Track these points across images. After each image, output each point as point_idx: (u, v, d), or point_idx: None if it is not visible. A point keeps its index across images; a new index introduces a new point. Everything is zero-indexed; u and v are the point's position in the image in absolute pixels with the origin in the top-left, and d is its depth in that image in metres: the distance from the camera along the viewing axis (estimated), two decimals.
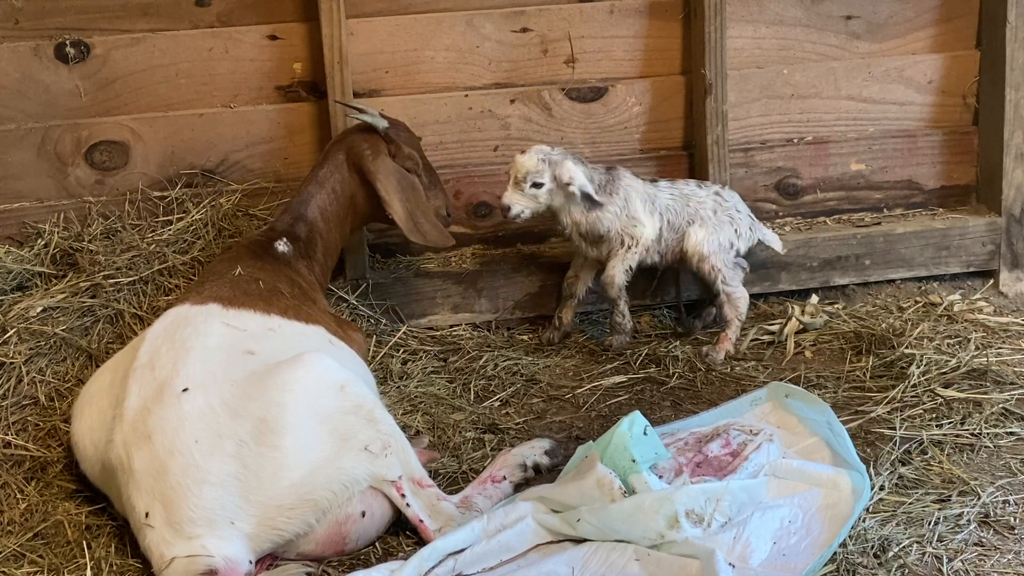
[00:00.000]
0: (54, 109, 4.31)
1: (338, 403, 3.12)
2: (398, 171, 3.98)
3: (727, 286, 4.22)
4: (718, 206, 4.23)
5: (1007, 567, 3.00)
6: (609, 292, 4.20)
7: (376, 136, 3.97)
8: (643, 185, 4.20)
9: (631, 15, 4.50)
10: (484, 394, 4.00)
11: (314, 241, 3.88)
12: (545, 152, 4.03)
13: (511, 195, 4.03)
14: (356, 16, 4.34)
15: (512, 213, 4.04)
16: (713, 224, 4.20)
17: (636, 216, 4.13)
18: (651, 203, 4.18)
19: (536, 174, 4.00)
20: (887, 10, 4.63)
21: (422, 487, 3.21)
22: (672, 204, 4.20)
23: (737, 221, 4.26)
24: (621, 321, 4.24)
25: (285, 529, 3.01)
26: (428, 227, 3.99)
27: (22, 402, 3.74)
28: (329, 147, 4.03)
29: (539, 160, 4.00)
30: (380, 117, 3.98)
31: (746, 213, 4.31)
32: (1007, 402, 3.73)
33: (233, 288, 3.48)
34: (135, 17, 4.30)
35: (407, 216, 3.92)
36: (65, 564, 3.15)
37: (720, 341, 4.22)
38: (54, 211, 4.32)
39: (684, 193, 4.23)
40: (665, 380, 4.06)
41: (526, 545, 3.10)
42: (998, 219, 4.63)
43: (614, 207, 4.11)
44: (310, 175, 3.97)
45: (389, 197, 3.90)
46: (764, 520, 3.10)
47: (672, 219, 4.20)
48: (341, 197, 3.95)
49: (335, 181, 3.94)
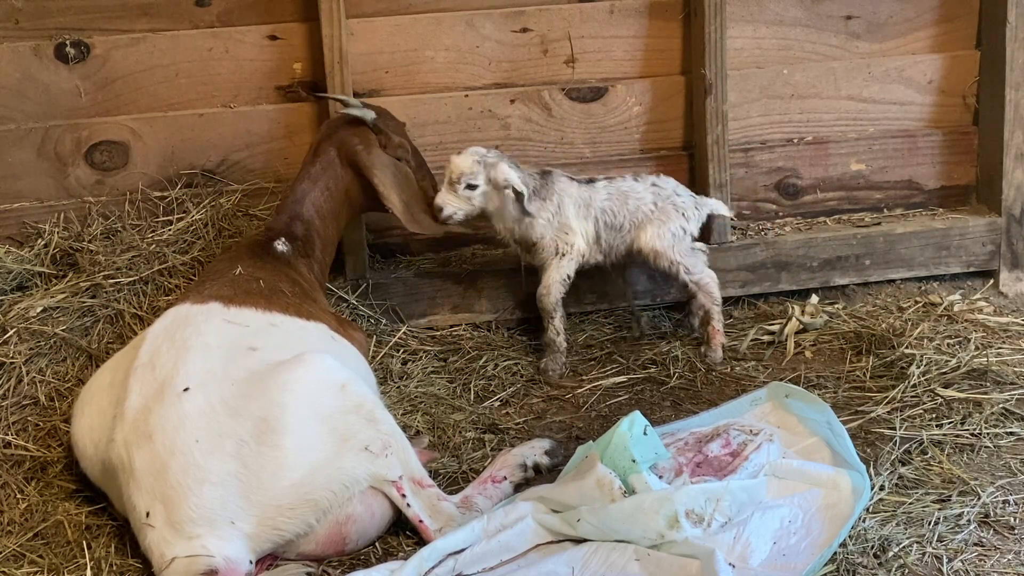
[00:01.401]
0: (54, 109, 4.31)
1: (339, 403, 3.12)
2: (392, 163, 3.97)
3: (691, 275, 4.16)
4: (657, 197, 4.16)
5: (1007, 567, 3.00)
6: (544, 303, 4.11)
7: (365, 128, 3.95)
8: (578, 188, 4.13)
9: (631, 15, 4.50)
10: (484, 394, 4.00)
11: (312, 239, 3.88)
12: (481, 154, 3.99)
13: (444, 196, 3.99)
14: (356, 16, 4.35)
15: (444, 214, 3.99)
16: (658, 217, 4.14)
17: (568, 223, 4.09)
18: (585, 207, 4.12)
19: (470, 176, 3.96)
20: (887, 10, 4.63)
21: (422, 487, 3.21)
22: (609, 204, 4.13)
23: (680, 206, 4.17)
24: (555, 339, 4.13)
25: (285, 529, 3.01)
26: (424, 216, 3.99)
27: (22, 402, 3.74)
28: (318, 143, 4.00)
29: (474, 162, 3.96)
30: (366, 108, 3.96)
31: (687, 194, 4.23)
32: (1007, 402, 3.73)
33: (234, 287, 3.48)
34: (135, 17, 4.30)
35: (404, 208, 3.92)
36: (65, 564, 3.15)
37: (711, 336, 4.19)
38: (54, 211, 4.32)
39: (622, 191, 4.16)
40: (665, 380, 4.06)
41: (526, 545, 3.11)
42: (998, 219, 4.63)
43: (546, 213, 4.06)
44: (302, 173, 3.95)
45: (386, 190, 3.89)
46: (764, 520, 3.10)
47: (610, 220, 4.13)
48: (336, 193, 3.94)
49: (328, 178, 3.92)
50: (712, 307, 4.19)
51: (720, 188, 4.45)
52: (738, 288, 4.54)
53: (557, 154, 4.54)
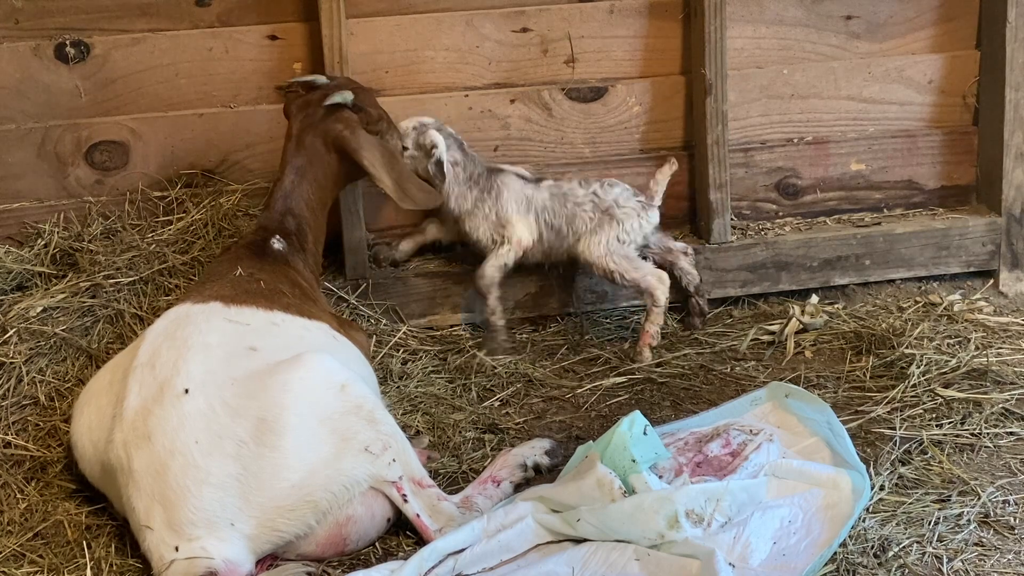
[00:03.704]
0: (54, 109, 4.31)
1: (338, 403, 3.11)
2: (377, 142, 3.94)
3: (628, 280, 4.16)
4: (595, 207, 4.18)
5: (1007, 567, 3.00)
6: (479, 283, 4.19)
7: (345, 110, 3.89)
8: (522, 185, 4.21)
9: (631, 15, 4.50)
10: (484, 394, 4.00)
11: (304, 233, 3.84)
12: (420, 122, 4.15)
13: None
14: (356, 16, 4.34)
15: None
16: (593, 227, 4.16)
17: (507, 217, 4.16)
18: (527, 203, 4.18)
19: (402, 137, 4.11)
20: (887, 10, 4.63)
21: (422, 487, 3.21)
22: (551, 204, 4.19)
23: (620, 216, 4.17)
24: (492, 319, 4.21)
25: (285, 530, 3.01)
26: (415, 190, 3.99)
27: (22, 402, 3.74)
28: (299, 133, 3.88)
29: (410, 127, 4.14)
30: (343, 90, 3.89)
31: (632, 203, 4.20)
32: (1007, 402, 3.73)
33: (235, 287, 3.47)
34: (135, 17, 4.29)
35: (395, 186, 3.89)
36: (65, 564, 3.15)
37: (640, 337, 4.18)
38: (54, 211, 4.32)
39: (563, 191, 4.21)
40: (665, 380, 4.06)
41: (526, 545, 3.11)
42: (998, 219, 4.62)
43: (484, 207, 4.16)
44: (288, 166, 3.85)
45: (377, 171, 3.85)
46: (764, 520, 3.10)
47: (551, 219, 4.19)
48: (324, 182, 3.88)
49: (316, 169, 3.86)
50: (652, 308, 4.17)
51: (720, 188, 4.45)
52: (738, 288, 4.54)
53: (557, 154, 4.54)
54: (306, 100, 3.94)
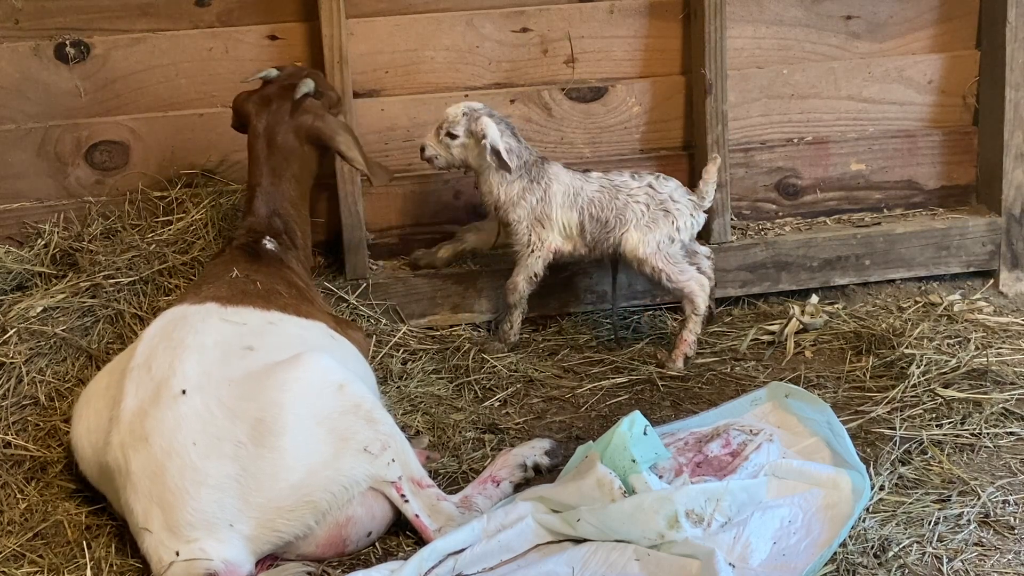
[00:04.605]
0: (54, 109, 4.31)
1: (337, 403, 3.11)
2: (342, 123, 3.95)
3: (673, 283, 4.09)
4: (651, 199, 4.09)
5: (1007, 567, 3.00)
6: (509, 298, 4.17)
7: (308, 99, 3.88)
8: (571, 177, 4.13)
9: (631, 15, 4.50)
10: (484, 394, 4.00)
11: (293, 230, 3.83)
12: (471, 108, 4.06)
13: (427, 138, 4.10)
14: (356, 16, 4.34)
15: (425, 155, 4.09)
16: (646, 221, 4.07)
17: (549, 214, 4.08)
18: (574, 196, 4.10)
19: (452, 124, 4.04)
20: (887, 10, 4.63)
21: (422, 487, 3.21)
22: (599, 196, 4.09)
23: (675, 212, 4.10)
24: (508, 331, 4.21)
25: (285, 531, 3.00)
26: (378, 168, 4.02)
27: (22, 402, 3.74)
28: (268, 130, 3.83)
29: (460, 113, 4.04)
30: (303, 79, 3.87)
31: (685, 200, 4.13)
32: (1007, 402, 3.73)
33: (231, 288, 3.46)
34: (135, 17, 4.30)
35: (366, 162, 3.90)
36: (65, 564, 3.15)
37: (677, 344, 4.13)
38: (54, 211, 4.32)
39: (615, 184, 4.11)
40: (665, 380, 4.06)
41: (526, 545, 3.11)
42: (998, 219, 4.63)
43: (532, 197, 4.07)
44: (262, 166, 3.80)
45: (352, 153, 3.86)
46: (764, 520, 3.10)
47: (596, 213, 4.09)
48: (301, 175, 3.88)
49: (293, 164, 3.84)
50: (691, 315, 4.11)
51: (720, 188, 4.44)
52: (738, 288, 4.54)
53: (557, 154, 4.53)
54: (263, 96, 3.91)
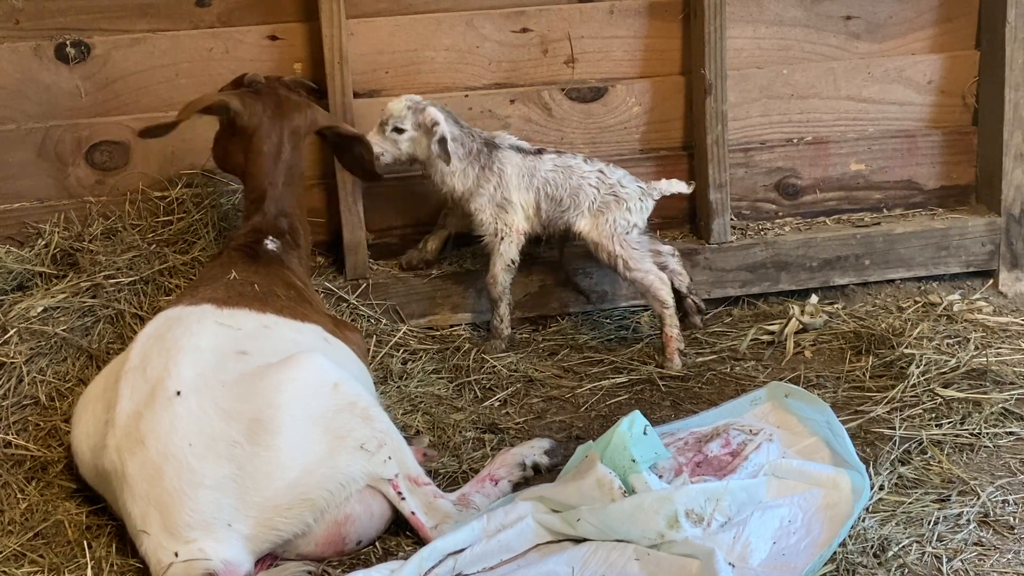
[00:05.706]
0: (54, 109, 4.31)
1: (332, 402, 3.11)
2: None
3: (631, 271, 4.10)
4: (601, 183, 4.12)
5: (1007, 567, 3.00)
6: (492, 292, 4.18)
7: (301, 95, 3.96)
8: (523, 159, 4.14)
9: (631, 15, 4.50)
10: (484, 394, 4.01)
11: (296, 229, 3.84)
12: (413, 100, 4.06)
13: (373, 135, 4.06)
14: (356, 16, 4.35)
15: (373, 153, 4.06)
16: (599, 205, 4.10)
17: (508, 197, 4.09)
18: (529, 177, 4.12)
19: (398, 119, 4.03)
20: (887, 10, 4.63)
21: (419, 485, 3.21)
22: (553, 176, 4.12)
23: (624, 196, 4.12)
24: (499, 325, 4.21)
25: (283, 529, 3.00)
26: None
27: (23, 402, 3.74)
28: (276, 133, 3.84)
29: (405, 107, 4.04)
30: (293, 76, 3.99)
31: (633, 186, 4.15)
32: (1007, 402, 3.73)
33: (228, 290, 3.46)
34: (135, 17, 4.30)
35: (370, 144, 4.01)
36: (65, 564, 3.15)
37: (665, 343, 4.13)
38: (54, 211, 4.32)
39: (568, 165, 4.14)
40: (665, 380, 4.06)
41: (526, 545, 3.11)
42: (998, 219, 4.63)
43: (488, 185, 4.08)
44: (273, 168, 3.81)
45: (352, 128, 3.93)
46: (764, 520, 3.10)
47: (552, 192, 4.11)
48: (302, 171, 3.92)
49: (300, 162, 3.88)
50: (662, 311, 4.12)
51: (720, 188, 4.46)
52: (738, 288, 4.54)
53: None
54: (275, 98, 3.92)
